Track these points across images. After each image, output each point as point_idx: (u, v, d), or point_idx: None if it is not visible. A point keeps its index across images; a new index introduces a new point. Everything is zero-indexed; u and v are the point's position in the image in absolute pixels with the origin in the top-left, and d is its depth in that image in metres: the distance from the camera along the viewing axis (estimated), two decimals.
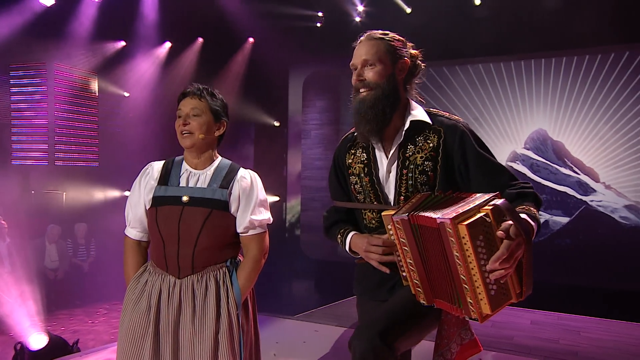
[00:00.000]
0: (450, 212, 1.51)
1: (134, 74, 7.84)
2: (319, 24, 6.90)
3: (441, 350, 1.87)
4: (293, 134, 7.81)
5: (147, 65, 7.79)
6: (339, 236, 2.02)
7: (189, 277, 2.01)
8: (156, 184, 2.06)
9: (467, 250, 1.47)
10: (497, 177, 1.79)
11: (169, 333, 1.98)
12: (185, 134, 2.01)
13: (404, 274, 1.79)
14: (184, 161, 2.11)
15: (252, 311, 2.12)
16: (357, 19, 6.66)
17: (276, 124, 8.18)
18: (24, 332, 4.57)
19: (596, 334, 4.41)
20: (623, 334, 4.60)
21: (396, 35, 1.93)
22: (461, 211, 1.49)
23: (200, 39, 7.81)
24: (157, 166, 2.12)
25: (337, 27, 6.81)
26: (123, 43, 7.60)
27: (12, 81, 7.25)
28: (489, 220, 1.46)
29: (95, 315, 6.31)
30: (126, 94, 8.02)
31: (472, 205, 1.51)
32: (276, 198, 8.06)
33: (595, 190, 6.47)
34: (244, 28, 7.20)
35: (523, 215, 1.53)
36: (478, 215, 1.47)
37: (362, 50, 1.90)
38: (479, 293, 1.49)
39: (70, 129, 7.59)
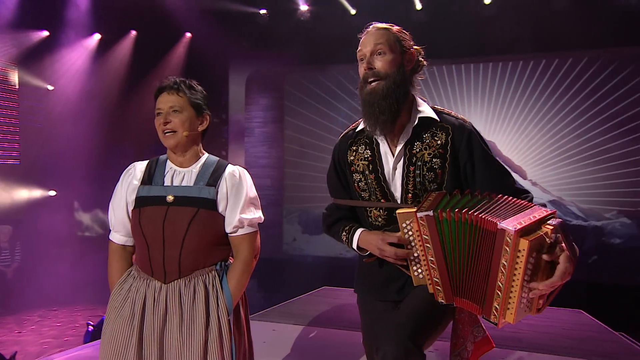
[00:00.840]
0: (512, 220, 1.49)
1: (60, 67, 7.31)
2: (261, 22, 6.77)
3: (458, 350, 1.86)
4: (235, 132, 7.63)
5: (74, 58, 7.29)
6: (344, 233, 1.96)
7: (175, 281, 1.88)
8: (139, 184, 1.93)
9: (518, 263, 1.46)
10: (502, 180, 1.79)
11: (154, 341, 1.85)
12: (167, 133, 1.89)
13: (420, 271, 1.76)
14: (168, 159, 1.98)
15: (245, 317, 2.00)
16: (302, 18, 6.62)
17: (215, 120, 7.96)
18: None
19: (534, 320, 4.63)
20: (559, 319, 4.83)
21: (401, 29, 1.88)
22: (526, 223, 1.47)
23: (134, 32, 7.42)
24: (140, 166, 1.98)
25: (281, 26, 6.74)
26: (46, 33, 7.05)
27: None
28: (548, 241, 1.47)
29: (23, 324, 5.82)
30: (50, 87, 7.45)
31: (529, 218, 1.49)
32: None
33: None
34: (181, 22, 6.94)
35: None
36: (540, 233, 1.47)
37: (370, 39, 1.81)
38: (510, 303, 1.50)
39: None
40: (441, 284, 1.69)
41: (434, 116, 1.83)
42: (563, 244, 1.48)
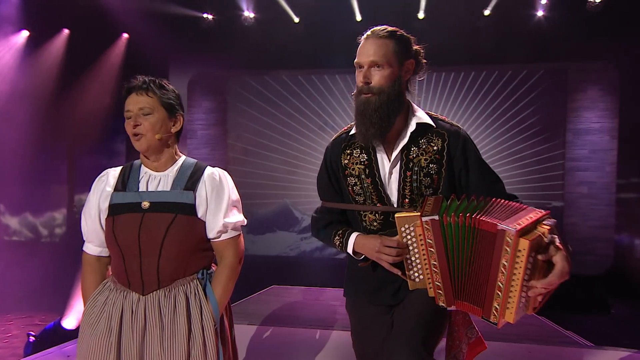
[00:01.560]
0: (510, 221, 1.46)
1: None
2: (204, 26, 6.57)
3: (454, 352, 1.81)
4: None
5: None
6: (337, 237, 1.84)
7: (154, 292, 1.69)
8: (112, 191, 1.75)
9: (518, 262, 1.43)
10: (494, 185, 1.77)
11: (133, 357, 1.66)
12: (137, 137, 1.71)
13: (417, 275, 1.69)
14: (142, 164, 1.80)
15: (229, 326, 1.83)
16: (245, 23, 6.47)
17: None
18: None
19: None
20: None
21: (404, 33, 1.76)
22: (524, 224, 1.44)
23: (67, 30, 6.82)
24: (113, 172, 1.81)
25: (225, 31, 6.55)
26: None
27: None
28: (545, 240, 1.45)
29: None
30: None
31: (526, 219, 1.47)
32: None
33: None
34: (118, 23, 6.50)
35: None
36: (538, 233, 1.45)
37: (370, 50, 1.70)
38: (510, 302, 1.48)
39: None
40: (443, 288, 1.63)
41: (430, 122, 1.78)
42: (559, 244, 1.46)
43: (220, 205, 1.74)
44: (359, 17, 6.12)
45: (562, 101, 6.98)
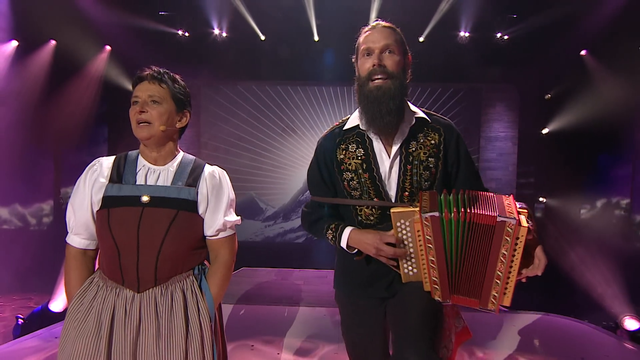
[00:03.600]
0: (503, 213, 1.30)
1: None
2: (179, 41, 6.09)
3: (444, 342, 1.59)
4: None
5: None
6: (330, 231, 1.56)
7: (150, 290, 1.38)
8: (107, 182, 1.41)
9: (517, 250, 1.29)
10: (476, 182, 1.58)
11: (126, 358, 1.34)
12: (142, 124, 1.40)
13: (411, 269, 1.45)
14: (139, 156, 1.47)
15: (219, 322, 1.54)
16: (217, 39, 6.05)
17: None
18: None
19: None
20: None
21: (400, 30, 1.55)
22: (515, 214, 1.29)
23: (53, 42, 6.19)
24: (106, 162, 1.46)
25: (197, 45, 6.10)
26: None
27: None
28: (530, 227, 1.32)
29: None
30: None
31: (514, 208, 1.32)
32: None
33: None
34: (102, 35, 6.01)
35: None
36: (529, 222, 1.32)
37: (380, 35, 1.47)
38: (507, 288, 1.34)
39: None
40: (439, 283, 1.41)
41: (425, 117, 1.55)
42: (535, 234, 1.35)
43: (220, 203, 1.46)
44: (316, 38, 5.85)
45: (477, 114, 7.04)
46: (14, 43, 6.01)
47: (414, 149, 1.51)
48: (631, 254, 5.64)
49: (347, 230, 1.52)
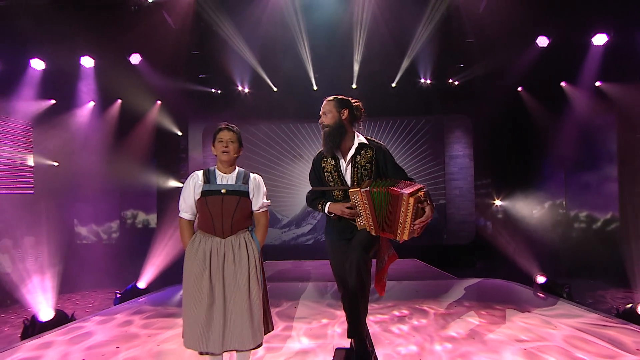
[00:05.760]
0: (406, 189, 1.83)
1: (68, 128, 6.51)
2: (213, 96, 6.74)
3: (380, 259, 2.22)
4: (193, 166, 7.52)
5: (76, 122, 6.62)
6: (320, 205, 2.24)
7: (228, 237, 2.07)
8: (202, 183, 2.08)
9: (409, 211, 1.84)
10: (402, 174, 2.17)
11: (219, 272, 2.02)
12: (225, 152, 2.08)
13: (362, 221, 2.09)
14: (216, 169, 2.15)
15: (261, 262, 2.17)
16: (241, 95, 6.76)
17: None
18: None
19: (396, 266, 5.12)
20: (405, 264, 5.44)
21: (342, 97, 2.21)
22: (411, 190, 1.84)
23: (119, 100, 7.06)
24: (199, 173, 2.13)
25: (226, 98, 6.77)
26: (53, 101, 6.35)
27: None
28: (423, 198, 1.87)
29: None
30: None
31: (413, 188, 1.85)
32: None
33: None
34: (155, 93, 6.64)
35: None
36: (419, 194, 1.85)
37: (324, 105, 2.22)
38: (405, 230, 1.91)
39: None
40: (373, 226, 2.03)
41: (365, 142, 2.19)
42: (428, 200, 1.91)
43: (260, 193, 2.12)
44: (315, 87, 6.48)
45: (441, 139, 7.37)
46: (92, 103, 6.96)
47: (358, 159, 2.14)
48: (554, 238, 6.23)
49: (328, 204, 2.19)
